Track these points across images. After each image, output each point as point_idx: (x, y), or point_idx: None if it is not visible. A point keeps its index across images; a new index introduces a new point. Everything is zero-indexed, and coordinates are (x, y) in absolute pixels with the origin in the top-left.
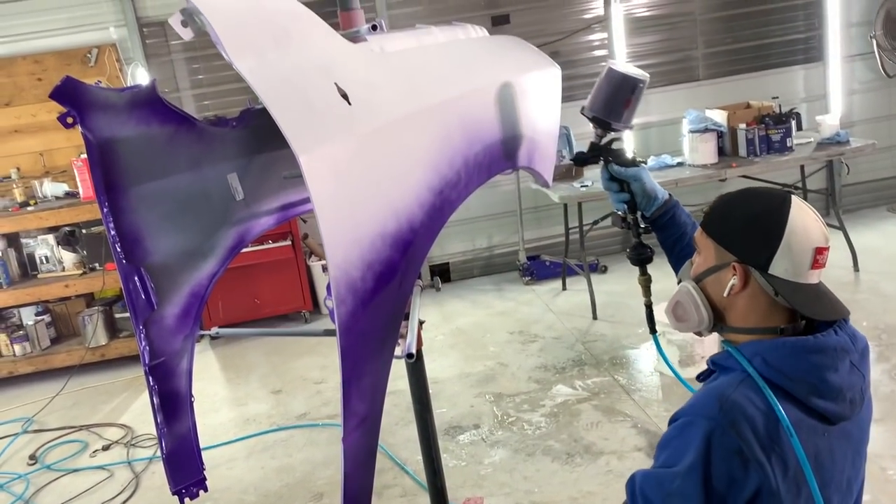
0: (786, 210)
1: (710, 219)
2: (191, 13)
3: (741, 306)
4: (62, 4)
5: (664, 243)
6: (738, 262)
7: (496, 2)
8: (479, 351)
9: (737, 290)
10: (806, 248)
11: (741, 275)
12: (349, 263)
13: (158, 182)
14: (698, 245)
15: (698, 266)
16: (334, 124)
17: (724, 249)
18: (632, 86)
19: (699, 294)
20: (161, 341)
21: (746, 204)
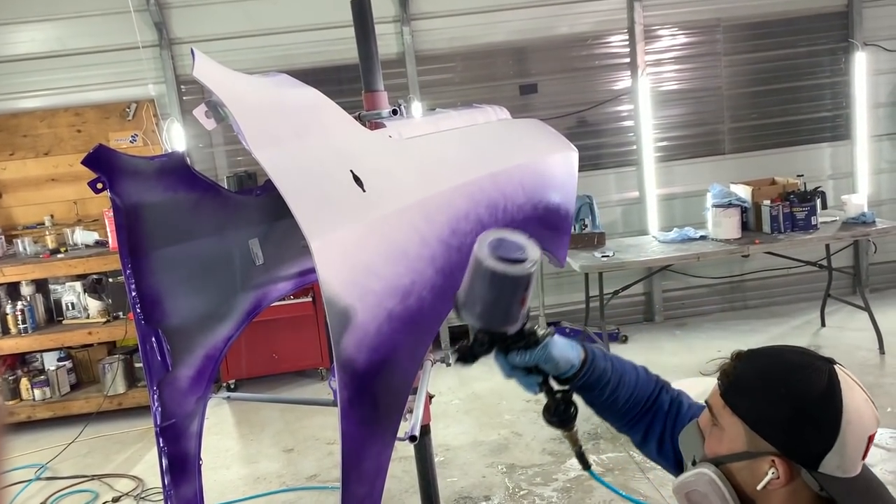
0: (838, 394)
1: (737, 390)
2: (215, 105)
3: (777, 501)
4: (104, 61)
5: (589, 400)
6: (782, 457)
7: (525, 71)
8: (494, 419)
9: (775, 485)
10: (861, 439)
11: (785, 472)
12: (354, 347)
13: (181, 246)
14: (717, 417)
15: (719, 446)
16: (346, 210)
17: (760, 437)
18: (526, 282)
19: (726, 485)
20: (173, 403)
21: (786, 381)
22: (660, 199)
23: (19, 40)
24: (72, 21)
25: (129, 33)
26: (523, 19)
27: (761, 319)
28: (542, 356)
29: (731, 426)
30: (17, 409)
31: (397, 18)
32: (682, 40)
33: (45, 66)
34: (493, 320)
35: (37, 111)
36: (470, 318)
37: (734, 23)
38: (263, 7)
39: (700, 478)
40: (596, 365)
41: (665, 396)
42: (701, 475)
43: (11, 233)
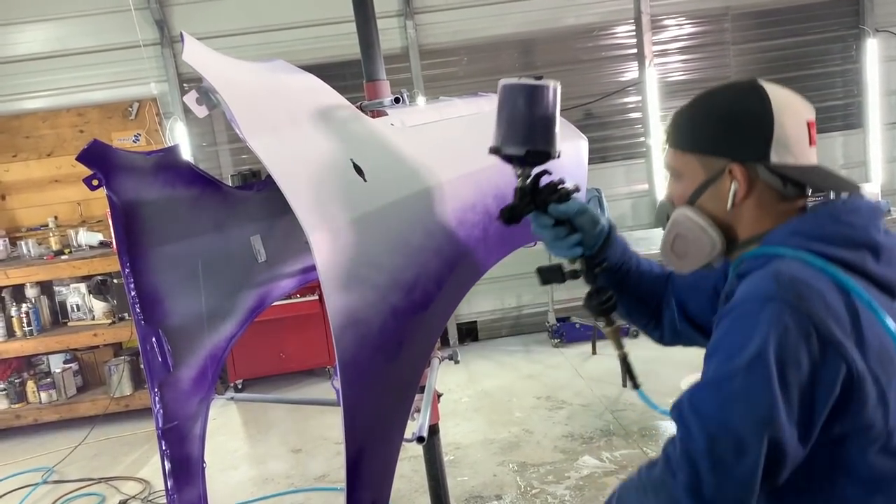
0: (762, 90)
1: (680, 131)
2: (206, 91)
3: (750, 214)
4: (106, 60)
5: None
6: (735, 163)
7: (531, 63)
8: (505, 416)
9: (741, 195)
10: (799, 123)
11: (743, 176)
12: (357, 345)
13: (181, 243)
14: (675, 167)
15: (685, 189)
16: (347, 201)
17: (712, 156)
18: (552, 95)
19: (701, 215)
20: (175, 404)
21: (717, 103)
22: None
23: (20, 41)
24: (72, 20)
25: (131, 32)
26: (529, 11)
27: None
28: (581, 206)
29: (685, 167)
30: (24, 412)
31: (401, 13)
32: (690, 30)
33: (47, 67)
34: (537, 138)
35: (39, 112)
36: (514, 146)
37: (743, 11)
38: (265, 3)
39: (675, 221)
40: (620, 236)
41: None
42: (675, 218)
43: (15, 235)
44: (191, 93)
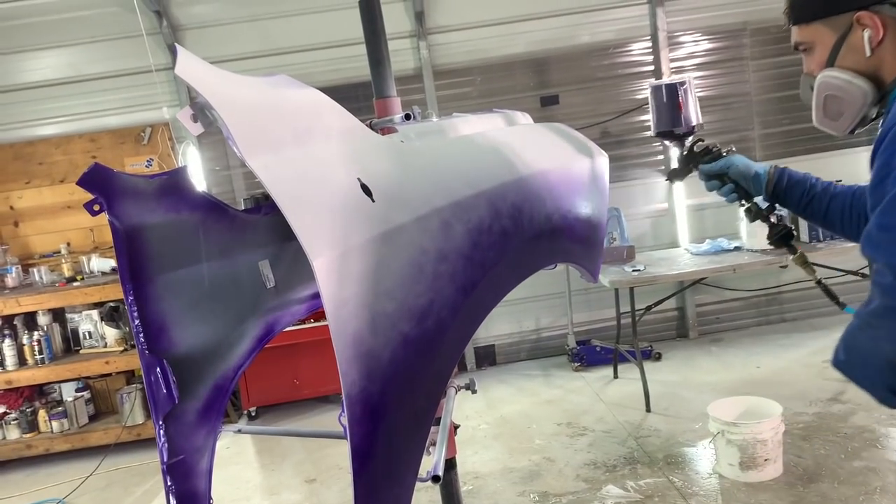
0: None
1: (798, 6)
2: (202, 107)
3: (890, 54)
4: (118, 86)
5: (800, 210)
6: (860, 11)
7: (546, 82)
8: (525, 443)
9: (876, 39)
10: None
11: (871, 20)
12: (366, 378)
13: (186, 270)
14: (804, 41)
15: (820, 56)
16: (354, 224)
17: (835, 15)
18: (672, 91)
19: (844, 71)
20: (181, 438)
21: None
22: (690, 209)
23: (34, 68)
24: (85, 47)
25: (143, 57)
26: (543, 30)
27: (802, 332)
28: (724, 163)
29: (814, 36)
30: (35, 441)
31: (413, 33)
32: (707, 46)
33: (60, 93)
34: (664, 122)
35: (52, 138)
36: (655, 132)
37: (761, 25)
38: (278, 26)
39: (821, 84)
40: (788, 173)
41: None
42: (820, 84)
43: (28, 262)
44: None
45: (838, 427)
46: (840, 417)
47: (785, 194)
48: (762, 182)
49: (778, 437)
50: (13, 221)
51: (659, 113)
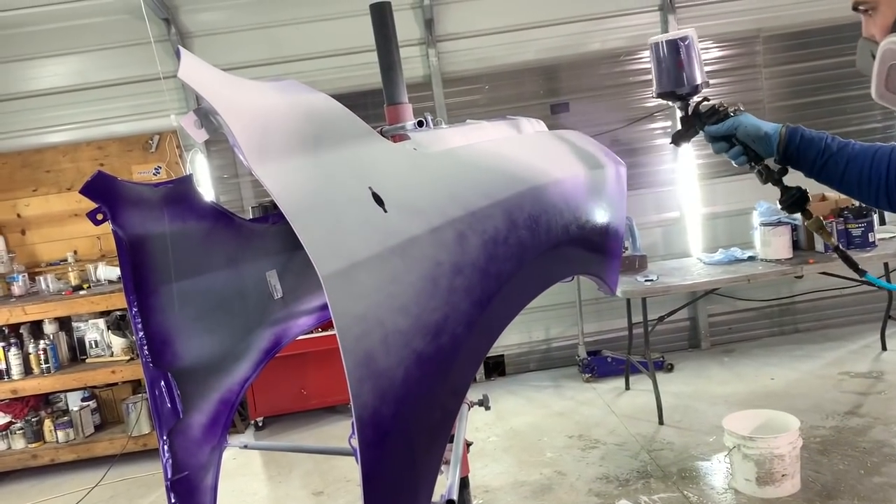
0: None
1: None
2: (207, 112)
3: None
4: (126, 93)
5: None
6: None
7: (556, 90)
8: (535, 456)
9: None
10: None
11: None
12: (378, 399)
13: (192, 280)
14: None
15: (884, 18)
16: (365, 235)
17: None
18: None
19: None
20: (186, 453)
21: None
22: (702, 218)
23: (42, 75)
24: (93, 54)
25: (151, 64)
26: (553, 37)
27: (815, 343)
28: (731, 124)
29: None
30: (40, 451)
31: (423, 41)
32: (719, 53)
33: (68, 101)
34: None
35: (60, 146)
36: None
37: (775, 33)
38: (286, 34)
39: (885, 53)
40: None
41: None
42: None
43: (35, 270)
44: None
45: (857, 441)
46: (858, 431)
47: (798, 155)
48: (773, 143)
49: (795, 451)
50: (20, 229)
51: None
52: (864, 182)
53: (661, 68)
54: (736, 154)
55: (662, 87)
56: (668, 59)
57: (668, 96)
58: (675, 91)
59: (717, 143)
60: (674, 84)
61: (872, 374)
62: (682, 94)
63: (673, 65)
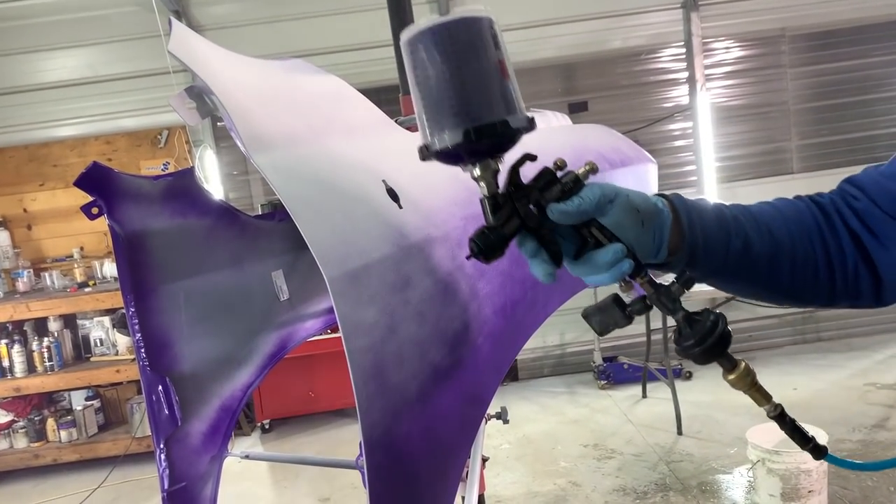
0: None
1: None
2: (200, 93)
3: None
4: (135, 87)
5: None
6: None
7: (574, 88)
8: (549, 466)
9: None
10: None
11: None
12: (390, 417)
13: (193, 280)
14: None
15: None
16: (377, 234)
17: None
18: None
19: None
20: (184, 463)
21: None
22: None
23: (50, 68)
24: (103, 47)
25: (161, 58)
26: (573, 34)
27: (839, 353)
28: (600, 194)
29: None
30: (43, 451)
31: None
32: (743, 53)
33: (76, 94)
34: (475, 107)
35: (67, 140)
36: (452, 134)
37: (800, 32)
38: (298, 28)
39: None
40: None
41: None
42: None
43: (40, 266)
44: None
45: (885, 456)
46: (887, 446)
47: (703, 252)
48: (665, 227)
49: (823, 466)
50: (26, 224)
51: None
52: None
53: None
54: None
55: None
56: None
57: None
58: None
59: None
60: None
61: None
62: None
63: (492, 71)
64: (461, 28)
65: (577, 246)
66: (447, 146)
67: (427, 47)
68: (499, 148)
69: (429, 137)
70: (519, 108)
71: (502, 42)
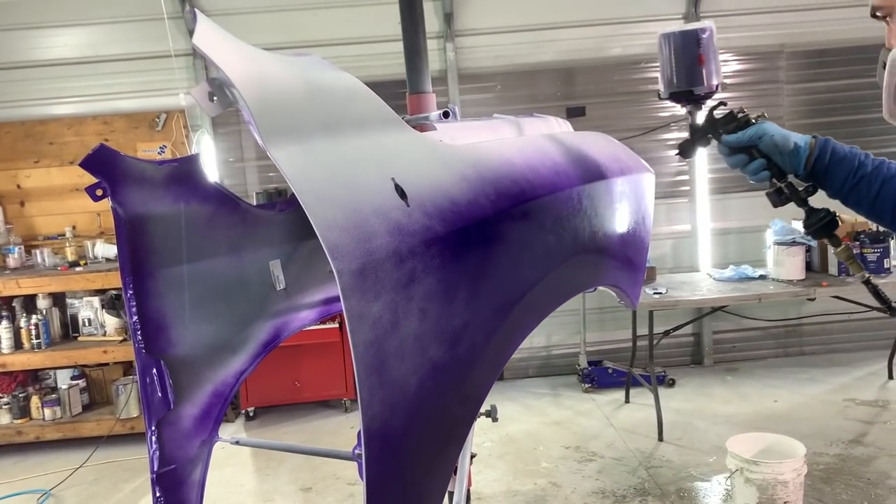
0: None
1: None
2: (221, 84)
3: None
4: (135, 69)
5: (842, 193)
6: None
7: (572, 93)
8: (530, 465)
9: None
10: None
11: None
12: (389, 410)
13: (192, 265)
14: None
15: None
16: (385, 230)
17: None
18: (694, 38)
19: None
20: (174, 446)
21: None
22: (713, 233)
23: (51, 45)
24: (105, 27)
25: (163, 41)
26: (573, 39)
27: (820, 367)
28: (756, 132)
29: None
30: (26, 428)
31: (441, 34)
32: (742, 66)
33: (76, 73)
34: (681, 80)
35: (64, 118)
36: (667, 92)
37: (798, 49)
38: (303, 19)
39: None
40: (832, 146)
41: None
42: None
43: (32, 243)
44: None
45: (861, 471)
46: (862, 461)
47: (826, 173)
48: (802, 157)
49: (800, 478)
50: (19, 201)
51: (673, 68)
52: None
53: (675, 63)
54: (757, 168)
55: (676, 86)
56: (686, 52)
57: (680, 97)
58: (692, 90)
59: (735, 155)
60: (690, 82)
61: (878, 402)
62: (699, 96)
63: (691, 60)
64: (693, 34)
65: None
66: (678, 91)
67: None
68: (690, 101)
69: (666, 88)
70: (703, 83)
71: (705, 41)
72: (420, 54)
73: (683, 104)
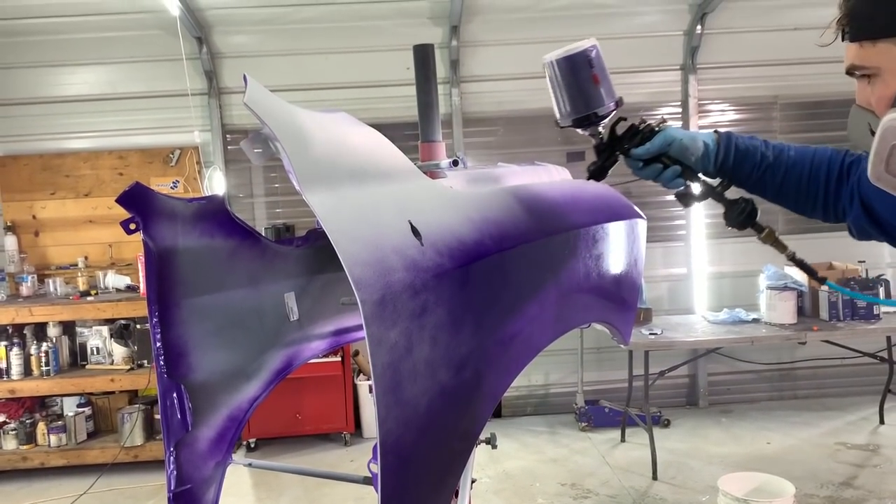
0: None
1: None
2: (265, 139)
3: None
4: (152, 106)
5: (749, 184)
6: None
7: (572, 138)
8: (527, 501)
9: None
10: None
11: None
12: (402, 426)
13: (213, 296)
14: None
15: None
16: (403, 265)
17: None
18: (585, 59)
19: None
20: (191, 466)
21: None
22: (708, 277)
23: (71, 82)
24: (125, 66)
25: (180, 80)
26: None
27: (813, 411)
28: (664, 139)
29: (881, 59)
30: (31, 454)
31: (447, 80)
32: (737, 116)
33: (95, 109)
34: (580, 105)
35: (81, 152)
36: (567, 120)
37: (792, 101)
38: (315, 62)
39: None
40: (735, 141)
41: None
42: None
43: (44, 272)
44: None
45: None
46: (853, 503)
47: (734, 168)
48: (711, 155)
49: None
50: (34, 231)
51: (569, 94)
52: (801, 192)
53: (571, 88)
54: (672, 175)
55: (578, 112)
56: (579, 75)
57: (582, 122)
58: (595, 112)
59: (648, 167)
60: (590, 105)
61: (869, 446)
62: (603, 116)
63: (586, 81)
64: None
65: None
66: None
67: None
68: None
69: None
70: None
71: (595, 59)
72: (432, 106)
73: (585, 128)
